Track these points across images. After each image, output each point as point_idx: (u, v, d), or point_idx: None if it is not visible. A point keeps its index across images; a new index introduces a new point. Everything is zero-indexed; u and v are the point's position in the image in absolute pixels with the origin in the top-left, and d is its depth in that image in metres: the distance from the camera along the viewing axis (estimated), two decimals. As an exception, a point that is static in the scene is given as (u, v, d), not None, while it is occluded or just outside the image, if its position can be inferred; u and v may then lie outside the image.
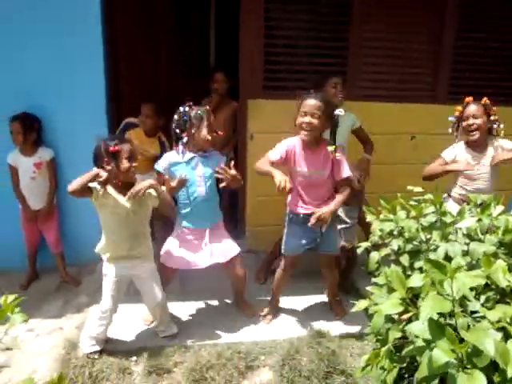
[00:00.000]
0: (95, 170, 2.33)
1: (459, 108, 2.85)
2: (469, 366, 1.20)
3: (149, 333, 2.75)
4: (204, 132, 2.61)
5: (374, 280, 1.74)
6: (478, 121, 2.76)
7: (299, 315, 2.95)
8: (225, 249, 2.75)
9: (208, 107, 2.70)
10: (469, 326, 1.28)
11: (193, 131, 2.59)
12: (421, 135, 3.73)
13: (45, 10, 3.02)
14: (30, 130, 3.11)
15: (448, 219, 1.76)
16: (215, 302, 3.08)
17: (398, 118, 3.65)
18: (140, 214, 2.49)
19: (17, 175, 3.15)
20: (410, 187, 2.05)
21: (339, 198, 2.62)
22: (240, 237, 3.66)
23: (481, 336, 1.18)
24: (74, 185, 2.26)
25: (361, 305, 1.69)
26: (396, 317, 1.55)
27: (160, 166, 2.67)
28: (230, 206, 3.84)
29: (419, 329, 1.30)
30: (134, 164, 2.41)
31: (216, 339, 2.69)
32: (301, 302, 3.08)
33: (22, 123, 3.08)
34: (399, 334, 1.53)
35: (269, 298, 2.99)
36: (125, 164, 2.37)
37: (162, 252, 2.74)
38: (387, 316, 1.59)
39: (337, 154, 2.57)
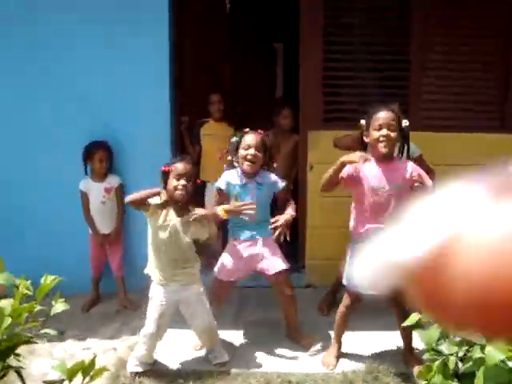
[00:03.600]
0: (159, 189, 2.41)
1: None
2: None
3: (199, 358, 2.70)
4: (242, 153, 2.63)
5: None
6: None
7: (358, 349, 2.76)
8: (274, 261, 2.69)
9: (262, 133, 2.73)
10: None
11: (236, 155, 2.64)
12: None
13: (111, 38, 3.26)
14: (111, 157, 3.30)
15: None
16: (269, 332, 2.96)
17: (463, 148, 3.44)
18: (189, 237, 2.48)
19: (87, 201, 3.32)
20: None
21: None
22: (298, 271, 3.56)
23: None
24: (133, 196, 2.35)
25: (412, 318, 1.56)
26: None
27: (220, 183, 2.71)
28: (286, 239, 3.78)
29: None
30: (181, 183, 2.41)
31: (266, 368, 2.57)
32: (361, 336, 2.87)
33: (107, 151, 3.26)
34: (456, 349, 1.38)
35: (330, 332, 2.82)
36: (172, 183, 2.42)
37: (215, 268, 2.72)
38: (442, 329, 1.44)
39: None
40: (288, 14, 4.04)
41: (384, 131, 2.41)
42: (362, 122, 2.61)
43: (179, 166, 2.43)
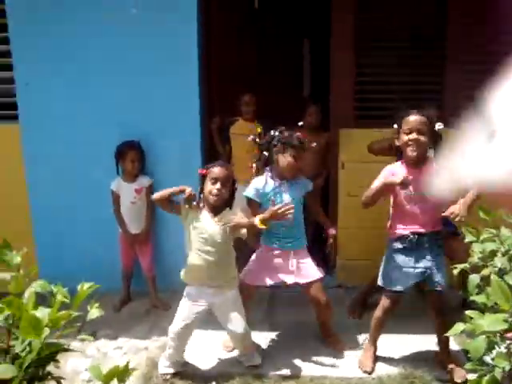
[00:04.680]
0: (184, 186, 2.40)
1: None
2: None
3: (231, 360, 2.68)
4: (289, 159, 2.57)
5: (472, 298, 1.53)
6: None
7: (392, 353, 2.69)
8: (307, 271, 2.64)
9: (299, 134, 2.67)
10: None
11: (276, 156, 2.58)
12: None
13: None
14: (143, 158, 3.30)
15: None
16: (301, 335, 2.92)
17: None
18: (226, 241, 2.46)
19: (118, 201, 3.33)
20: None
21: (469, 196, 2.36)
22: (329, 271, 3.50)
23: None
24: (159, 194, 2.38)
25: (457, 327, 1.49)
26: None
27: (249, 192, 2.66)
28: (317, 239, 3.73)
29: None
30: (216, 187, 2.39)
31: (299, 371, 2.54)
32: (396, 339, 2.79)
33: (139, 151, 3.27)
34: (505, 363, 1.31)
35: (360, 335, 2.79)
36: (207, 187, 2.41)
37: (243, 270, 2.69)
38: (489, 339, 1.37)
39: None
40: (317, 10, 3.97)
41: (413, 135, 2.36)
42: (395, 126, 2.56)
43: (215, 170, 2.42)
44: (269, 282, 2.66)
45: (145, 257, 3.41)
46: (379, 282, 2.57)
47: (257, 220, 2.40)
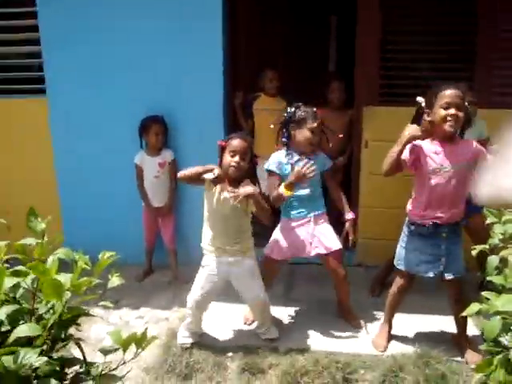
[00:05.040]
0: (212, 165, 2.41)
1: None
2: None
3: (248, 333, 2.74)
4: (306, 134, 2.57)
5: (489, 278, 1.52)
6: None
7: (407, 332, 2.70)
8: (327, 240, 2.65)
9: (315, 109, 2.65)
10: None
11: (294, 132, 2.57)
12: None
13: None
14: (166, 132, 3.34)
15: None
16: (319, 311, 2.95)
17: None
18: (241, 212, 2.48)
19: (142, 174, 3.38)
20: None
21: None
22: (349, 249, 3.50)
23: None
24: (186, 172, 2.39)
25: (473, 307, 1.48)
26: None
27: (270, 165, 2.67)
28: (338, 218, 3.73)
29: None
30: (235, 159, 2.40)
31: (315, 346, 2.57)
32: (412, 319, 2.80)
33: (163, 124, 3.30)
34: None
35: (378, 313, 2.80)
36: (226, 159, 2.42)
37: (266, 246, 2.72)
38: (505, 320, 1.36)
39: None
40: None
41: (452, 110, 2.28)
42: (420, 99, 2.49)
43: (234, 143, 2.43)
44: (291, 255, 2.69)
45: (167, 230, 3.47)
46: (395, 263, 2.57)
47: (282, 188, 2.41)
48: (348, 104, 3.63)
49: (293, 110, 2.63)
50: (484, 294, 1.45)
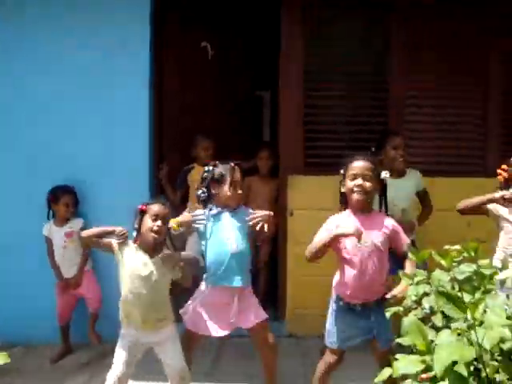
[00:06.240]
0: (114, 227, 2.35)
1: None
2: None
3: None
4: (225, 189, 2.56)
5: (397, 341, 1.50)
6: None
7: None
8: (252, 314, 2.52)
9: (232, 164, 2.62)
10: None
11: (214, 191, 2.56)
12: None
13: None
14: (78, 202, 3.26)
15: (487, 271, 1.52)
16: (246, 385, 2.79)
17: (447, 193, 3.33)
18: (162, 279, 2.38)
19: (52, 246, 3.25)
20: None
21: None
22: (279, 320, 3.42)
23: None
24: (88, 232, 2.36)
25: (385, 373, 1.44)
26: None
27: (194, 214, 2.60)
28: (267, 287, 3.69)
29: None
30: (157, 223, 2.34)
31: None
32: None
33: (74, 196, 3.24)
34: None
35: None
36: (148, 223, 2.35)
37: (185, 316, 2.55)
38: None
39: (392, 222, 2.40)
40: (275, 62, 4.07)
41: (359, 181, 2.33)
42: (341, 171, 2.56)
43: (155, 208, 2.38)
44: (212, 333, 2.52)
45: (87, 292, 3.29)
46: (326, 343, 2.45)
47: (171, 222, 2.40)
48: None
49: (211, 168, 2.61)
50: (397, 356, 1.43)
